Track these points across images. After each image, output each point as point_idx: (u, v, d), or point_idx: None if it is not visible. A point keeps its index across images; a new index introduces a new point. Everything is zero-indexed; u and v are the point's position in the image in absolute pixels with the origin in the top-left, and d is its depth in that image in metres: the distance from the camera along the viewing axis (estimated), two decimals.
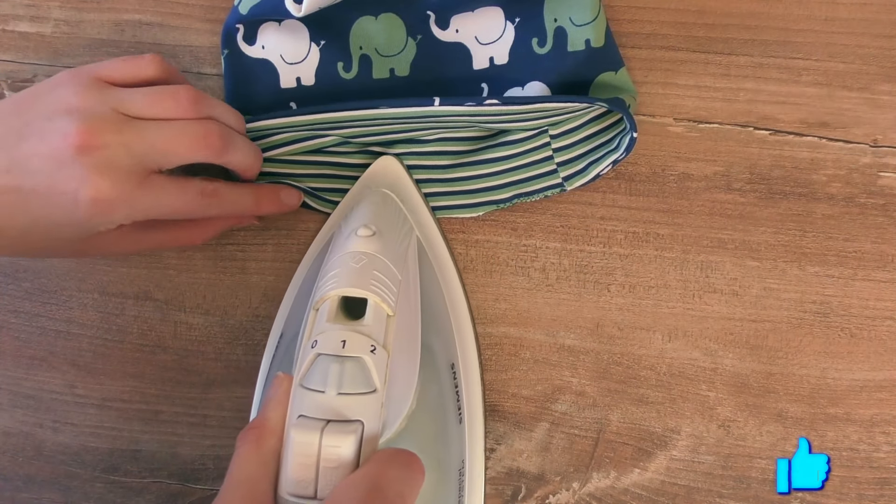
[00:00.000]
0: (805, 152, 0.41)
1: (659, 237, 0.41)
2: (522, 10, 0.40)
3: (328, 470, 0.28)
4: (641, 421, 0.40)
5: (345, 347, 0.31)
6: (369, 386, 0.30)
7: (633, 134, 0.37)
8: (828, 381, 0.40)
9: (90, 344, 0.42)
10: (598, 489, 0.40)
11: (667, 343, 0.40)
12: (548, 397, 0.41)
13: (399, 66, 0.41)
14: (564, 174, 0.40)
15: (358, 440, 0.29)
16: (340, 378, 0.30)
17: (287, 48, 0.40)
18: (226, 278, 0.42)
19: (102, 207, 0.33)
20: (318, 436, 0.28)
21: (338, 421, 0.29)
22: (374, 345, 0.31)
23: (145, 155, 0.33)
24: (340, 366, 0.30)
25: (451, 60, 0.41)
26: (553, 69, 0.40)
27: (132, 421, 0.42)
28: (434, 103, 0.37)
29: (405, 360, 0.34)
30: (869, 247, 0.40)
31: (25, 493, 0.42)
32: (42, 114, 0.33)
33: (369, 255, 0.34)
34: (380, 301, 0.33)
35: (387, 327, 0.32)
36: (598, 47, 0.40)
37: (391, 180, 0.41)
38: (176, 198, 0.35)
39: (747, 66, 0.41)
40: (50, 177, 0.32)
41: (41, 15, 0.44)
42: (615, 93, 0.40)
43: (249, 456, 0.30)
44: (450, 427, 0.38)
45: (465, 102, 0.37)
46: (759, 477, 0.40)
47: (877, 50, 0.41)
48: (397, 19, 0.41)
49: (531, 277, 0.41)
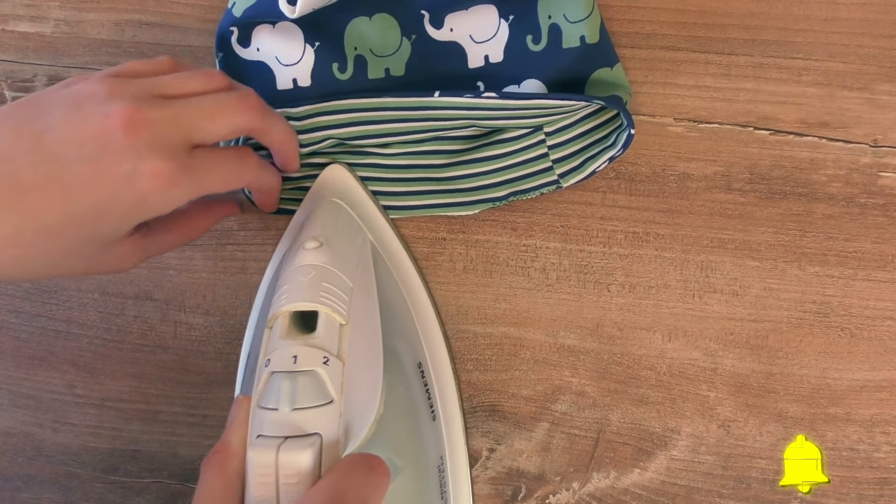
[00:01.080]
0: (805, 152, 0.41)
1: (659, 237, 0.41)
2: (516, 8, 0.40)
3: (289, 486, 0.28)
4: (641, 421, 0.40)
5: (296, 362, 0.31)
6: (325, 397, 0.30)
7: (630, 130, 0.37)
8: (828, 381, 0.40)
9: (90, 344, 0.42)
10: (598, 489, 0.40)
11: (667, 343, 0.40)
12: (548, 397, 0.41)
13: (394, 66, 0.41)
14: (560, 171, 0.40)
15: (316, 452, 0.29)
16: (293, 394, 0.30)
17: (281, 50, 0.40)
18: (226, 278, 0.42)
19: (163, 183, 0.31)
20: (275, 453, 0.28)
21: (295, 436, 0.29)
22: (326, 356, 0.31)
23: (191, 126, 0.32)
24: (292, 381, 0.30)
25: (446, 59, 0.41)
26: (548, 66, 0.40)
27: (132, 421, 0.42)
28: (434, 95, 0.38)
29: (366, 366, 0.34)
30: (869, 247, 0.40)
31: (25, 493, 0.42)
32: (63, 105, 0.31)
33: (317, 266, 0.34)
34: (330, 311, 0.32)
35: (340, 337, 0.32)
36: (593, 44, 0.40)
37: (340, 188, 0.41)
38: (226, 163, 0.34)
39: (747, 66, 0.41)
40: (95, 163, 0.30)
41: (41, 15, 0.44)
42: (611, 89, 0.40)
43: (214, 480, 0.30)
44: (423, 426, 0.38)
45: (463, 94, 0.37)
46: (759, 477, 0.40)
47: (877, 50, 0.41)
48: (391, 19, 0.41)
49: (531, 277, 0.41)
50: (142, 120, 0.31)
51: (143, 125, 0.31)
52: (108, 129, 0.30)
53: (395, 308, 0.39)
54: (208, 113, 0.33)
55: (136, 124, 0.30)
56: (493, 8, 0.40)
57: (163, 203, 0.32)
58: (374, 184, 0.42)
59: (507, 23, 0.40)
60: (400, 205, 0.42)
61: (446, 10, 0.40)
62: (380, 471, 0.29)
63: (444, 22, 0.40)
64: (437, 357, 0.39)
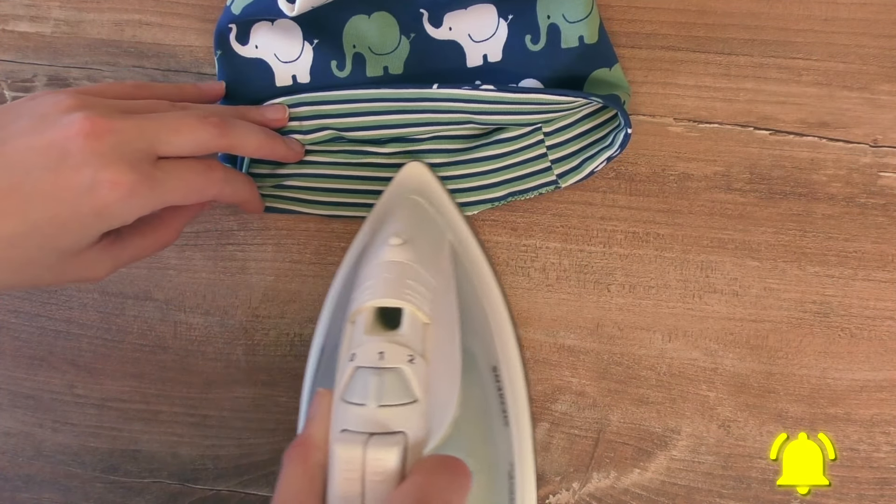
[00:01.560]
0: (805, 152, 0.41)
1: (659, 237, 0.41)
2: (515, 7, 0.40)
3: (374, 483, 0.28)
4: (641, 421, 0.40)
5: (382, 359, 0.30)
6: (410, 396, 0.30)
7: (627, 130, 0.37)
8: (828, 381, 0.40)
9: (90, 344, 0.42)
10: (598, 489, 0.40)
11: (667, 343, 0.40)
12: (548, 397, 0.41)
13: (393, 64, 0.41)
14: (559, 171, 0.40)
15: (402, 451, 0.28)
16: (380, 390, 0.29)
17: (280, 47, 0.40)
18: (226, 278, 0.42)
19: (123, 192, 0.31)
20: (362, 449, 0.28)
21: (381, 433, 0.29)
22: (411, 354, 0.31)
23: (156, 137, 0.32)
24: (379, 378, 0.30)
25: (444, 58, 0.41)
26: (547, 66, 0.40)
27: (132, 421, 0.42)
28: (433, 87, 0.38)
29: (446, 367, 0.34)
30: (869, 247, 0.40)
31: (25, 493, 0.42)
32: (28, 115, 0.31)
33: (402, 263, 0.34)
34: (415, 309, 0.32)
35: (424, 336, 0.32)
36: (592, 44, 0.40)
37: (420, 186, 0.41)
38: (189, 174, 0.34)
39: (747, 66, 0.41)
40: (55, 170, 0.30)
41: (41, 15, 0.44)
42: (610, 89, 0.40)
43: (295, 473, 0.29)
44: (496, 430, 0.38)
45: (462, 87, 0.38)
46: (759, 477, 0.40)
47: (877, 50, 0.41)
48: (390, 17, 0.41)
49: (531, 277, 0.41)
50: (105, 128, 0.31)
51: (107, 133, 0.31)
52: (70, 137, 0.30)
53: (471, 309, 0.39)
54: (173, 126, 0.33)
55: (98, 132, 0.31)
56: (493, 7, 0.40)
57: (123, 213, 0.32)
58: (372, 183, 0.42)
59: (507, 22, 0.40)
60: None
61: (445, 9, 0.40)
62: (462, 473, 0.29)
63: (442, 21, 0.40)
64: (511, 362, 0.39)
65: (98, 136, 0.31)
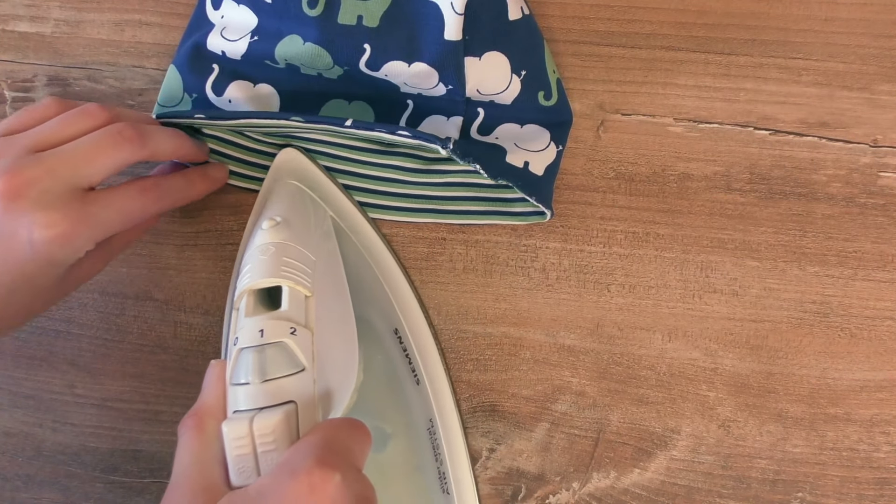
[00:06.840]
0: (805, 152, 0.41)
1: (659, 237, 0.41)
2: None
3: (265, 453, 0.29)
4: (641, 421, 0.40)
5: (263, 336, 0.31)
6: (296, 366, 0.31)
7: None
8: (828, 381, 0.40)
9: (90, 344, 0.42)
10: (598, 489, 0.40)
11: (667, 343, 0.40)
12: (548, 397, 0.41)
13: (369, 14, 0.38)
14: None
15: (290, 417, 0.30)
16: (262, 365, 0.31)
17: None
18: (226, 278, 0.42)
19: (64, 240, 0.32)
20: (248, 425, 0.29)
21: (269, 407, 0.30)
22: (293, 327, 0.32)
23: (74, 174, 0.32)
24: (261, 354, 0.31)
25: (424, 21, 0.38)
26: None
27: (132, 421, 0.42)
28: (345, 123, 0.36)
29: (339, 335, 0.35)
30: (869, 247, 0.40)
31: (25, 493, 0.42)
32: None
33: (276, 243, 0.34)
34: (293, 284, 0.33)
35: (307, 308, 0.33)
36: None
37: (295, 169, 0.41)
38: (124, 201, 0.34)
39: (747, 66, 0.41)
40: None
41: (41, 15, 0.44)
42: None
43: (192, 442, 0.30)
44: (408, 391, 0.39)
45: (374, 128, 0.36)
46: (759, 477, 0.40)
47: (877, 50, 0.41)
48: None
49: (531, 277, 0.41)
50: (21, 183, 0.31)
51: (24, 187, 0.31)
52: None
53: (364, 279, 0.40)
54: (85, 156, 0.33)
55: (16, 189, 0.31)
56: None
57: (70, 255, 0.33)
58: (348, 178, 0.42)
59: None
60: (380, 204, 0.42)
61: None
62: (361, 430, 0.30)
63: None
64: (412, 322, 0.40)
65: (17, 193, 0.31)
